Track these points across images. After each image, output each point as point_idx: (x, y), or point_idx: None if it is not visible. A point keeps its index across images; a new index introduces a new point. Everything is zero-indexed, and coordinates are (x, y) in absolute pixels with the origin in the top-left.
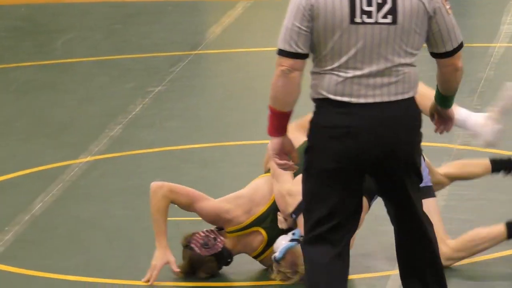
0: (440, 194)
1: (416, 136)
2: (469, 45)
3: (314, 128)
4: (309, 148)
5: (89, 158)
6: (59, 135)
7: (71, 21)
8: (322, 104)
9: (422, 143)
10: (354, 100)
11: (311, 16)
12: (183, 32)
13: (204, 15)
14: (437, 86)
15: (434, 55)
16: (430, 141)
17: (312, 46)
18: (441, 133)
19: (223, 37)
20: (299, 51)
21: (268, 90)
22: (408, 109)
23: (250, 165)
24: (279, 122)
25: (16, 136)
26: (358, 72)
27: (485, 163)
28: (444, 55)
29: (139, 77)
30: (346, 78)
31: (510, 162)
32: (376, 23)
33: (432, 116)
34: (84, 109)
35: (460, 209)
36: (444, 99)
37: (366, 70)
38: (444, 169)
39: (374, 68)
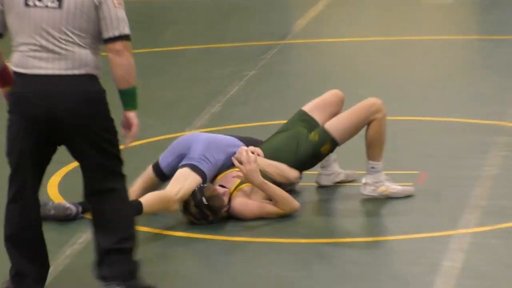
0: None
1: (86, 108)
2: None
3: (10, 95)
4: (9, 110)
5: (193, 131)
6: (168, 111)
7: (178, 15)
8: (15, 76)
9: (475, 120)
10: (28, 71)
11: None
12: (273, 25)
13: (291, 10)
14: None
15: (104, 41)
16: (482, 119)
17: (4, 27)
18: (128, 141)
19: (308, 29)
20: None
21: (346, 74)
22: (73, 83)
23: None
24: None
25: None
26: (31, 48)
27: None
28: (108, 40)
29: (236, 63)
30: (23, 52)
31: None
32: (46, 7)
33: None
34: (189, 90)
35: None
36: (120, 95)
37: (37, 47)
38: None
39: (44, 44)
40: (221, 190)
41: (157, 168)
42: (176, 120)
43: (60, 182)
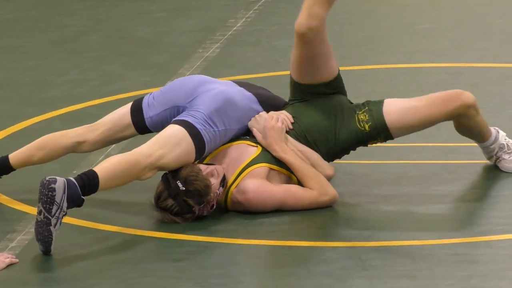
0: None
1: None
2: None
3: None
4: None
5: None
6: (142, 54)
7: None
8: None
9: None
10: None
11: None
12: None
13: None
14: None
15: None
16: None
17: None
18: None
19: None
20: None
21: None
22: None
23: (356, 89)
24: None
25: (90, 54)
26: None
27: None
28: None
29: None
30: None
31: None
32: None
33: None
34: (174, 22)
35: None
36: None
37: None
38: None
39: None
40: (205, 168)
41: (137, 114)
42: (153, 68)
43: None
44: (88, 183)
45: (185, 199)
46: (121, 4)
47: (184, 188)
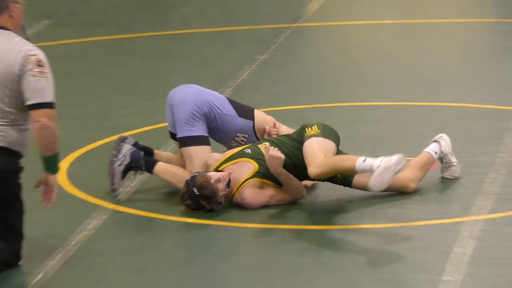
0: None
1: None
2: None
3: None
4: None
5: None
6: None
7: None
8: None
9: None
10: None
11: None
12: (285, 7)
13: None
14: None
15: (28, 109)
16: (497, 104)
17: None
18: (46, 204)
19: (320, 12)
20: None
21: (361, 59)
22: None
23: (341, 124)
24: None
25: (142, 94)
26: None
27: None
28: (31, 108)
29: (247, 46)
30: None
31: None
32: None
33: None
34: (199, 73)
35: None
36: (42, 160)
37: None
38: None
39: None
40: (215, 176)
41: (170, 132)
42: None
43: (69, 168)
44: (148, 161)
45: (199, 200)
46: (161, 61)
47: (198, 193)
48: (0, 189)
